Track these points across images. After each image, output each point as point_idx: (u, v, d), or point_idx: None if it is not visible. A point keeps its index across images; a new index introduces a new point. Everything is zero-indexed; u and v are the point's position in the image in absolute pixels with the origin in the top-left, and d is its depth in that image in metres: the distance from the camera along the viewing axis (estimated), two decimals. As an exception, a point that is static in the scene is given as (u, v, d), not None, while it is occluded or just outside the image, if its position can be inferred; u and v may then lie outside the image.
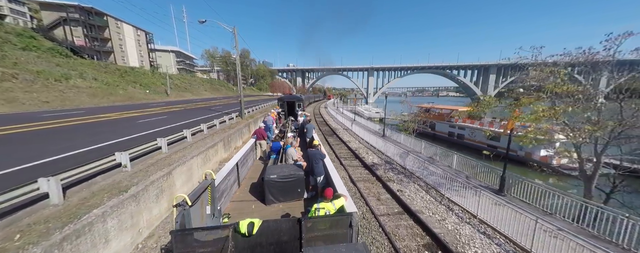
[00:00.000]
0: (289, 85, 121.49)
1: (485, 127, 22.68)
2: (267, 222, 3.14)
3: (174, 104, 30.24)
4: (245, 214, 4.95)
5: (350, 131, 23.76)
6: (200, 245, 2.87)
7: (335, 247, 2.62)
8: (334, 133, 21.94)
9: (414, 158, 11.41)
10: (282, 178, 5.39)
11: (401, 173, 10.99)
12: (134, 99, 34.08)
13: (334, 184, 5.07)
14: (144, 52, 55.92)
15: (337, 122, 31.71)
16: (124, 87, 36.22)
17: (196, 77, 72.36)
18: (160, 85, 45.10)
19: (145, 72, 47.24)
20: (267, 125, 10.96)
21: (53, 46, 33.76)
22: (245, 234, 3.00)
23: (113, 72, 38.11)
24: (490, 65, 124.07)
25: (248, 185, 6.58)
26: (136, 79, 41.50)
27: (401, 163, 12.19)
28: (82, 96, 27.05)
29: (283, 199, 5.49)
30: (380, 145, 15.52)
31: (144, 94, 38.52)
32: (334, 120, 34.02)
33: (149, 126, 13.43)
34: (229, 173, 5.54)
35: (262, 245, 3.12)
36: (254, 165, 8.52)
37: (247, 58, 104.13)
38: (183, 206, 3.08)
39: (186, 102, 34.48)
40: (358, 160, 13.15)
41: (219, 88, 76.86)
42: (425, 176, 10.10)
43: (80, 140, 9.67)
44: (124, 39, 49.06)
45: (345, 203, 3.92)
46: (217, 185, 4.54)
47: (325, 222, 3.28)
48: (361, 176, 10.81)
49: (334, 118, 36.91)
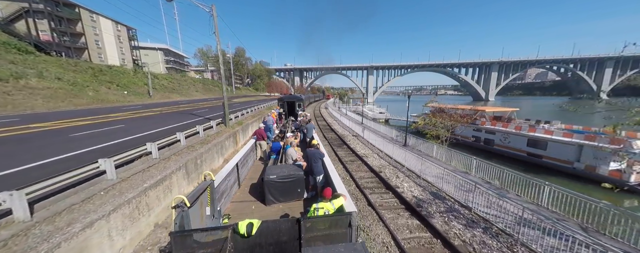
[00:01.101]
0: (287, 85, 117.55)
1: (525, 131, 18.70)
2: (266, 222, 3.16)
3: (151, 107, 26.23)
4: (245, 215, 4.98)
5: (362, 139, 19.55)
6: (200, 246, 2.88)
7: (334, 247, 2.66)
8: (344, 143, 17.78)
9: (484, 193, 7.10)
10: (282, 179, 5.43)
11: (476, 226, 6.60)
12: (105, 101, 29.54)
13: (333, 184, 5.13)
14: (126, 50, 51.20)
15: (343, 127, 27.55)
16: (96, 87, 31.69)
17: (187, 77, 67.78)
18: (143, 86, 40.63)
19: (125, 71, 42.58)
20: (267, 125, 11.00)
21: (8, 40, 28.70)
22: (244, 235, 3.03)
23: (84, 70, 33.66)
24: (492, 63, 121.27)
25: (248, 185, 6.63)
26: (113, 78, 36.93)
27: (460, 199, 7.88)
28: (35, 99, 22.45)
29: (283, 199, 5.53)
30: (411, 163, 11.38)
31: (121, 95, 34.04)
32: (339, 124, 29.81)
33: (77, 144, 9.00)
34: (229, 173, 5.59)
35: (262, 245, 3.13)
36: (254, 165, 8.57)
37: (242, 57, 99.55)
38: (182, 207, 3.10)
39: (169, 105, 31.42)
40: (391, 193, 8.80)
41: (213, 88, 72.32)
42: (535, 239, 5.76)
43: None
44: (101, 35, 44.22)
45: (345, 203, 3.92)
46: (217, 186, 4.58)
47: (325, 222, 3.28)
48: (412, 236, 6.34)
49: (338, 121, 32.62)
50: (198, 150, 9.85)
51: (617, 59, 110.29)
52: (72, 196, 5.33)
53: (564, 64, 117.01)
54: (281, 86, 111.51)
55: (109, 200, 5.38)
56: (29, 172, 6.52)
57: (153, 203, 6.35)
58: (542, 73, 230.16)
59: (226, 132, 14.07)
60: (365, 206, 8.09)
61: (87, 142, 9.79)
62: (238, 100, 45.35)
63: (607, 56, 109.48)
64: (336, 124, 29.52)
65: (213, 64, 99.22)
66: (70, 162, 7.24)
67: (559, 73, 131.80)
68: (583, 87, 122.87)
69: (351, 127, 26.07)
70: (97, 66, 38.16)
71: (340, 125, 28.58)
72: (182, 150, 9.49)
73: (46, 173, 5.41)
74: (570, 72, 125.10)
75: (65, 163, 7.03)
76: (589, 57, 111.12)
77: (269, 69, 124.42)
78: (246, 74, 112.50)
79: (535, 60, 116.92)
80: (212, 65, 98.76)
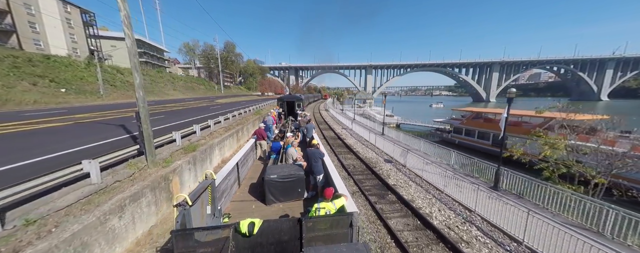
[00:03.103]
0: (282, 83, 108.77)
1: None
2: (267, 221, 3.13)
3: (80, 113, 18.70)
4: (245, 214, 4.96)
5: (405, 170, 11.49)
6: (201, 245, 2.82)
7: (336, 247, 2.60)
8: (377, 177, 11.63)
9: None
10: (282, 178, 5.39)
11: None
12: (13, 102, 19.96)
13: (334, 184, 5.11)
14: (80, 37, 41.19)
15: (357, 138, 20.33)
16: (10, 83, 21.93)
17: (165, 74, 57.70)
18: (96, 82, 31.00)
19: (72, 63, 33.35)
20: (267, 125, 10.77)
21: None
22: (245, 234, 2.98)
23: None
24: (493, 63, 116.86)
25: (248, 185, 6.56)
26: (47, 72, 27.90)
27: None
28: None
29: (283, 199, 5.50)
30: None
31: (52, 94, 25.62)
32: (349, 132, 22.62)
33: None
34: (229, 173, 5.54)
35: (263, 245, 3.10)
36: (254, 165, 8.49)
37: (232, 52, 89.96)
38: (183, 206, 3.02)
39: (118, 108, 22.94)
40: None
41: (196, 87, 63.04)
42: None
43: None
44: (40, 16, 33.91)
45: (346, 203, 3.92)
46: (218, 185, 4.51)
47: (326, 222, 3.25)
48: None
49: (347, 129, 24.81)
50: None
51: (618, 60, 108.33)
52: None
53: (565, 65, 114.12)
54: (275, 85, 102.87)
55: None
56: None
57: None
58: (536, 74, 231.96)
59: (126, 187, 5.68)
60: None
61: None
62: (221, 101, 36.76)
63: (608, 57, 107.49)
64: (345, 133, 21.47)
65: (199, 60, 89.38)
66: None
67: (558, 74, 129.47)
68: (583, 88, 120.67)
69: (370, 139, 18.20)
70: (23, 55, 28.55)
71: (351, 136, 20.53)
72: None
73: None
74: (570, 73, 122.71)
75: None
76: (591, 58, 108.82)
77: (262, 66, 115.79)
78: (237, 72, 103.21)
79: (536, 61, 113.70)
80: (199, 61, 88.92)
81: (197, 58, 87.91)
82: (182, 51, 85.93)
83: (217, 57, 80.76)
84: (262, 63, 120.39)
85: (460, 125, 22.83)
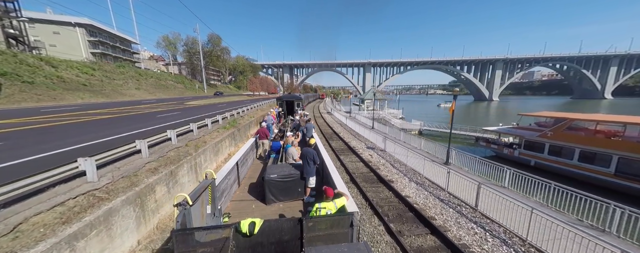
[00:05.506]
0: (275, 82, 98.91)
1: None
2: (268, 221, 3.12)
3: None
4: (245, 214, 4.94)
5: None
6: (201, 245, 2.81)
7: (336, 247, 2.58)
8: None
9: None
10: (282, 178, 5.38)
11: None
12: None
13: (334, 183, 5.05)
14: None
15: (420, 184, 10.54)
16: None
17: (128, 68, 47.64)
18: (15, 79, 21.81)
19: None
20: (267, 124, 10.87)
21: None
22: (246, 234, 2.98)
23: None
24: (496, 60, 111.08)
25: (248, 184, 6.53)
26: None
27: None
28: None
29: (283, 199, 5.48)
30: None
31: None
32: (380, 157, 13.27)
33: None
34: (229, 172, 5.52)
35: (263, 244, 3.09)
36: (254, 164, 8.40)
37: (218, 46, 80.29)
38: (184, 206, 3.00)
39: None
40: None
41: (172, 86, 53.59)
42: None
43: None
44: None
45: (346, 203, 3.89)
46: (218, 185, 4.49)
47: (327, 222, 3.25)
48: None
49: (378, 150, 15.68)
50: None
51: (623, 57, 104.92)
52: None
53: (570, 62, 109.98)
54: (268, 84, 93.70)
55: None
56: None
57: None
58: (529, 73, 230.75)
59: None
60: None
61: None
62: (191, 104, 27.74)
63: (613, 54, 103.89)
64: (369, 154, 13.76)
65: (182, 56, 79.29)
66: None
67: (561, 72, 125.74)
68: (585, 86, 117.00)
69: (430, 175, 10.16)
70: None
71: (382, 159, 12.72)
72: None
73: None
74: (572, 71, 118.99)
75: None
76: (595, 55, 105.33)
77: (254, 64, 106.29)
78: (226, 69, 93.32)
79: (541, 58, 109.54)
80: (182, 57, 78.84)
81: (178, 53, 77.91)
82: (160, 45, 75.63)
83: (199, 50, 70.88)
84: (254, 60, 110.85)
85: (540, 138, 14.94)
